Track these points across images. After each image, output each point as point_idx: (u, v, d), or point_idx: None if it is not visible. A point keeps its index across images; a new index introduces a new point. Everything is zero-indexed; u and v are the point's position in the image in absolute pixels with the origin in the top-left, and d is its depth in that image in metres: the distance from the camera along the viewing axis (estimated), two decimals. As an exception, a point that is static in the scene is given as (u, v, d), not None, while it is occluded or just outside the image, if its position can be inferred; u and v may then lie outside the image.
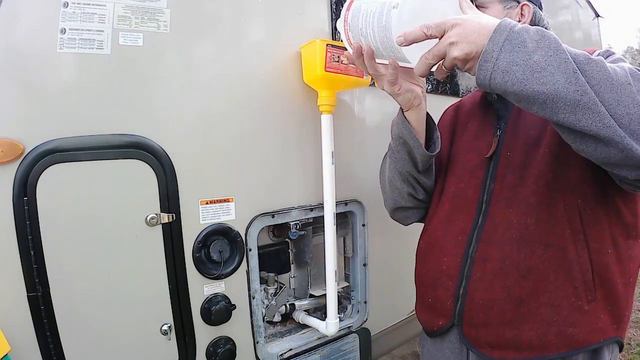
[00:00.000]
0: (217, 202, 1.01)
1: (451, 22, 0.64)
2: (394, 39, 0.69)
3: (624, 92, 0.60)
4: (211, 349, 1.03)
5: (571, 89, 0.58)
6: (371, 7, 0.73)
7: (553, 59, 0.59)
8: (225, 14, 1.00)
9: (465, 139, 0.98)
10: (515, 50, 0.60)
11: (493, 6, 0.90)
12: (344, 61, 1.05)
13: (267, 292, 1.21)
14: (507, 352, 0.83)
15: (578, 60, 0.60)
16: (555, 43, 0.60)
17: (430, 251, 0.97)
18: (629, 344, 2.74)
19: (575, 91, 0.58)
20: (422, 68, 0.68)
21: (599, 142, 0.61)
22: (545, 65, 0.59)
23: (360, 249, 1.31)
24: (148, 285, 0.93)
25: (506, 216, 0.84)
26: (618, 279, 0.81)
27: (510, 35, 0.61)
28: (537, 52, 0.59)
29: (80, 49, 0.83)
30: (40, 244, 0.81)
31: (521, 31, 0.61)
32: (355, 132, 1.29)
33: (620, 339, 0.84)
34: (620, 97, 0.59)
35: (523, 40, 0.60)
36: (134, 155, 0.89)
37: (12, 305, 0.80)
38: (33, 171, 0.79)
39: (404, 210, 1.06)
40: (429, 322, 0.97)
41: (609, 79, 0.60)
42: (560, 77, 0.59)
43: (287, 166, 1.13)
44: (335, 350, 1.28)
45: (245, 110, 1.04)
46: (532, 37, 0.60)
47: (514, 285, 0.82)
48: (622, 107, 0.59)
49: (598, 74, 0.60)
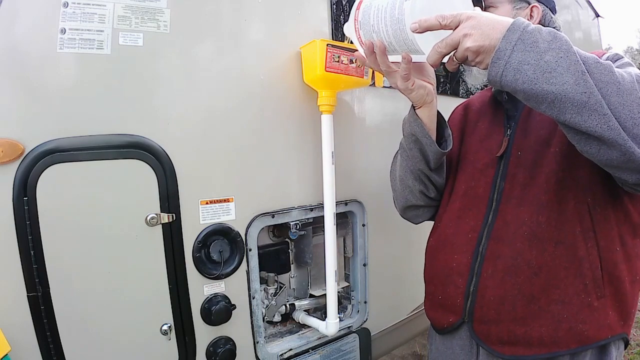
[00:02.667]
0: (217, 202, 1.01)
1: (467, 14, 0.66)
2: (407, 30, 0.70)
3: (630, 96, 0.61)
4: (211, 349, 1.03)
5: (579, 90, 0.60)
6: (382, 2, 0.75)
7: (563, 60, 0.60)
8: (225, 14, 1.00)
9: (475, 138, 0.99)
10: (527, 50, 0.61)
11: (502, 6, 0.92)
12: (344, 61, 1.05)
13: (267, 292, 1.21)
14: (518, 349, 0.84)
15: (587, 63, 0.61)
16: (567, 45, 0.61)
17: (440, 249, 0.98)
18: (629, 344, 2.74)
19: (583, 92, 0.60)
20: (434, 57, 0.69)
21: (602, 143, 0.63)
22: (555, 66, 0.61)
23: (360, 249, 1.31)
24: (148, 285, 0.93)
25: (518, 214, 0.85)
26: (626, 276, 0.82)
27: (523, 35, 0.62)
28: (549, 52, 0.61)
29: (80, 49, 0.83)
30: (40, 244, 0.81)
31: (534, 31, 0.62)
32: (355, 132, 1.28)
33: (626, 336, 0.85)
34: (625, 101, 0.61)
35: (535, 41, 0.62)
36: (134, 155, 0.89)
37: (12, 305, 0.80)
38: (33, 171, 0.79)
39: (415, 208, 1.06)
40: (438, 319, 0.98)
41: (615, 82, 0.61)
42: (570, 78, 0.60)
43: (287, 166, 1.13)
44: (335, 350, 1.28)
45: (245, 110, 1.04)
46: (544, 37, 0.62)
47: (525, 282, 0.83)
48: (626, 111, 0.61)
49: (606, 77, 0.61)
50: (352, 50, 1.07)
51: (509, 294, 0.84)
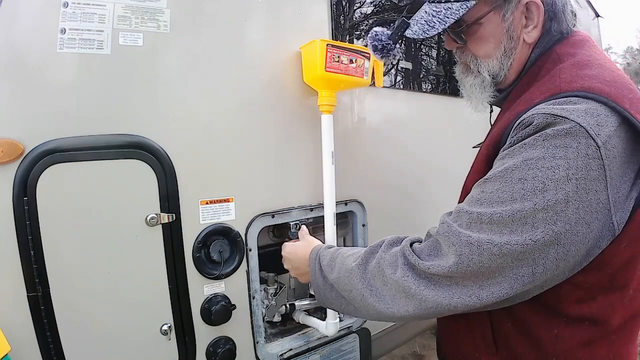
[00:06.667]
0: (217, 202, 1.01)
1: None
2: None
3: (363, 301, 0.79)
4: (211, 349, 1.03)
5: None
6: None
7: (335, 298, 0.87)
8: (225, 14, 1.00)
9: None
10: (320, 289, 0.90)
11: (488, 22, 0.78)
12: (344, 61, 1.05)
13: (267, 292, 1.21)
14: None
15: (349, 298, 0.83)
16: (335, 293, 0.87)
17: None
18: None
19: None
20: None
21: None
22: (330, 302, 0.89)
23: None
24: (148, 286, 0.93)
25: None
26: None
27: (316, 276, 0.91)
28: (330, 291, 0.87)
29: (80, 49, 0.83)
30: (40, 244, 0.81)
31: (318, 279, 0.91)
32: (355, 132, 1.28)
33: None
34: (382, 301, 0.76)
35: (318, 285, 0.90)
36: (134, 155, 0.89)
37: (12, 305, 0.80)
38: (33, 171, 0.79)
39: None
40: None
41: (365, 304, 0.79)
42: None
43: (287, 166, 1.13)
44: (335, 350, 1.28)
45: (245, 110, 1.04)
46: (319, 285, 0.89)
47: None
48: (390, 304, 0.74)
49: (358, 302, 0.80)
50: (352, 51, 1.07)
51: None
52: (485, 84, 0.84)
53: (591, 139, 0.60)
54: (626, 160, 0.63)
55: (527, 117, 0.65)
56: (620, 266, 0.67)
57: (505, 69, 0.81)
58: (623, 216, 0.63)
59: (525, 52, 0.80)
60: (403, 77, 1.52)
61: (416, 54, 1.57)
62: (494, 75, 0.82)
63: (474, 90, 0.86)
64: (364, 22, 1.36)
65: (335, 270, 0.85)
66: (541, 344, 0.73)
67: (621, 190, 0.63)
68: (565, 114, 0.61)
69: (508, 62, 0.80)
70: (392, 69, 1.48)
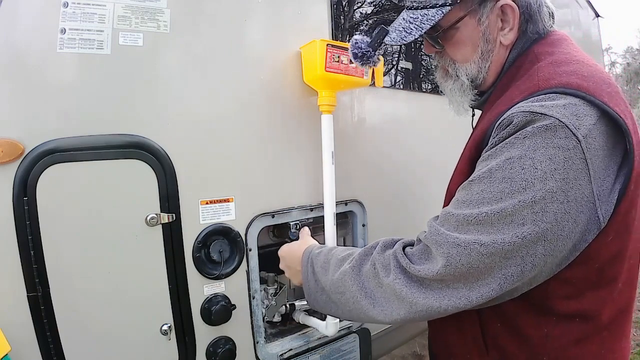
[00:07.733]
0: (217, 202, 1.01)
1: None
2: None
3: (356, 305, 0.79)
4: (211, 349, 1.03)
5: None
6: None
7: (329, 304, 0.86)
8: (225, 14, 1.00)
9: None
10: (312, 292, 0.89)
11: (464, 26, 0.79)
12: (344, 61, 1.05)
13: (267, 292, 1.21)
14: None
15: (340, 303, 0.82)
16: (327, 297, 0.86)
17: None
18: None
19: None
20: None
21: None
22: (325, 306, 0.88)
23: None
24: (148, 285, 0.93)
25: None
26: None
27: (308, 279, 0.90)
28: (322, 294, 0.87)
29: (80, 49, 0.83)
30: (40, 244, 0.81)
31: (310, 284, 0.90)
32: (355, 132, 1.28)
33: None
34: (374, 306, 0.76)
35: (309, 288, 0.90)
36: (134, 155, 0.89)
37: (12, 305, 0.80)
38: (33, 171, 0.79)
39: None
40: None
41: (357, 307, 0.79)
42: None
43: (287, 166, 1.13)
44: (335, 350, 1.28)
45: (245, 110, 1.04)
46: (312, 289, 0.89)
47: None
48: (383, 307, 0.74)
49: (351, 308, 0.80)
50: (352, 50, 1.07)
51: None
52: (465, 87, 0.85)
53: (571, 134, 0.60)
54: (608, 153, 0.64)
55: (507, 117, 0.66)
56: (608, 260, 0.68)
57: (484, 71, 0.82)
58: (608, 209, 0.64)
59: (502, 54, 0.81)
60: (403, 77, 1.52)
61: (416, 54, 1.57)
62: (472, 78, 0.83)
63: (454, 94, 0.87)
64: (364, 22, 1.36)
65: (330, 272, 0.85)
66: (532, 344, 0.73)
67: (605, 183, 0.63)
68: (544, 110, 0.62)
69: (486, 65, 0.81)
70: (392, 69, 1.48)
